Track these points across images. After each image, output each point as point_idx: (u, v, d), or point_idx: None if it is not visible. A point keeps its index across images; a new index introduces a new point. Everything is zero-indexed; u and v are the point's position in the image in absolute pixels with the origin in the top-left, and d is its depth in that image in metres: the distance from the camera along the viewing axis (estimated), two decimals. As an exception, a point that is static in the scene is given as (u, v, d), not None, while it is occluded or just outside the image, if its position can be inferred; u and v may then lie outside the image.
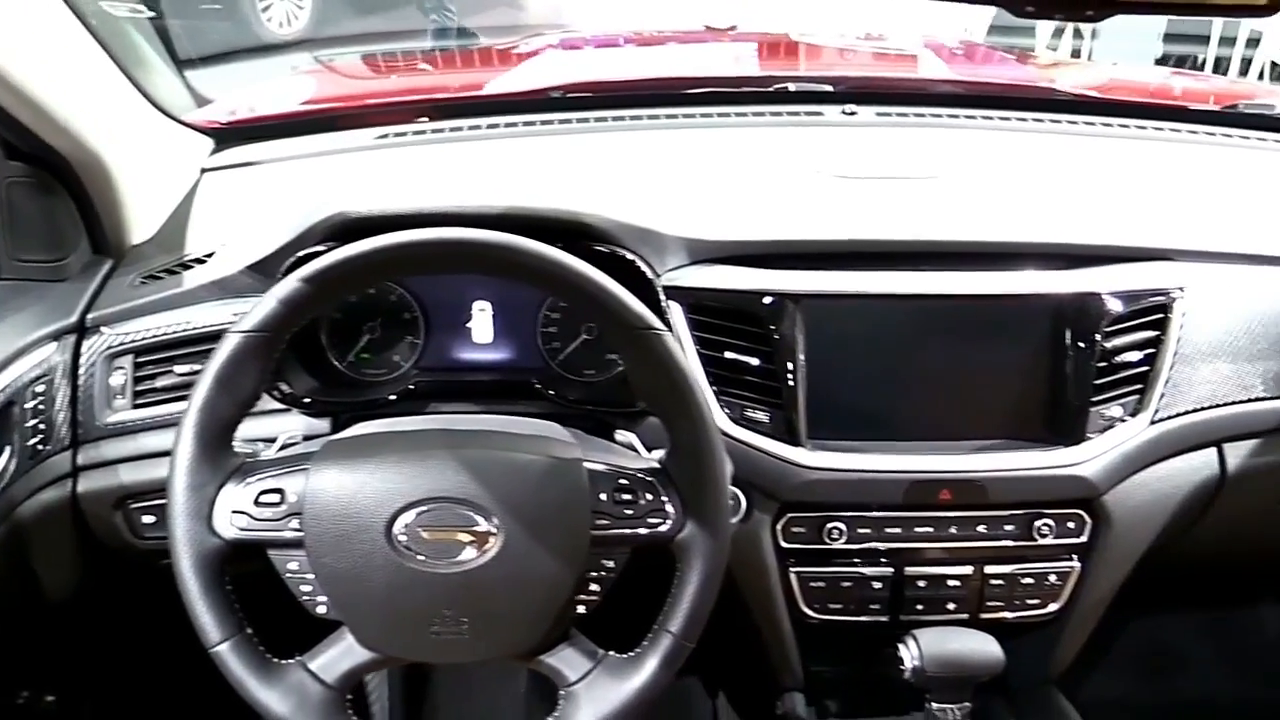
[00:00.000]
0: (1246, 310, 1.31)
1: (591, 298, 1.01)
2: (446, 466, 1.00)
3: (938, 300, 1.25)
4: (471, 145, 1.50)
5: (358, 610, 1.00)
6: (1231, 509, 1.36)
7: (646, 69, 1.96)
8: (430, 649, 1.02)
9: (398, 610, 0.99)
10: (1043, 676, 1.40)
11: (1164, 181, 1.48)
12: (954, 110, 1.57)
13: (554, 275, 1.01)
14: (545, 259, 1.00)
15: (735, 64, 2.00)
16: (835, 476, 1.24)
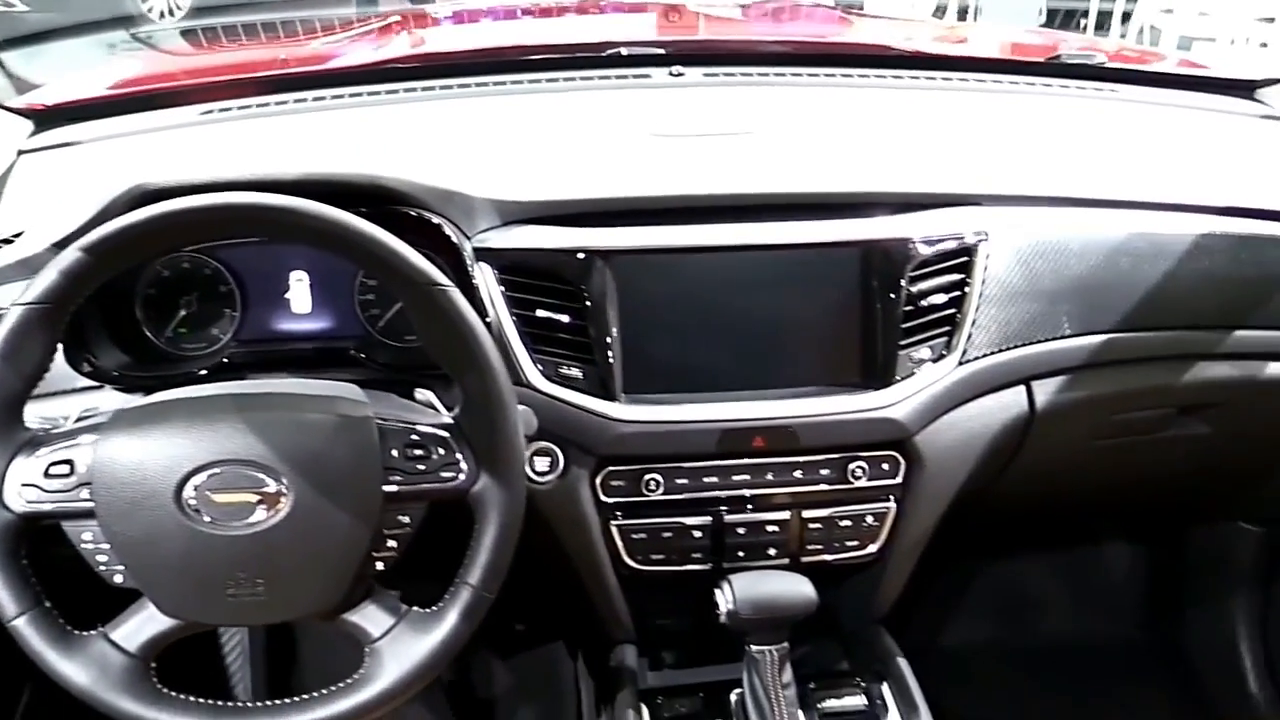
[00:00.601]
0: (1050, 251, 1.34)
1: (374, 255, 1.01)
2: (233, 429, 1.00)
3: (747, 251, 1.27)
4: (295, 119, 1.49)
5: (154, 577, 1.00)
6: (1044, 445, 1.40)
7: (483, 40, 1.97)
8: (229, 612, 1.02)
9: (193, 575, 0.99)
10: (869, 618, 1.43)
11: (972, 132, 1.51)
12: (779, 69, 1.59)
13: (335, 234, 1.01)
14: (325, 219, 1.00)
15: (569, 31, 2.02)
16: (650, 429, 1.26)
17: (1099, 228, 1.36)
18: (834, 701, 1.34)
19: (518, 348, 1.24)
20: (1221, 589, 1.92)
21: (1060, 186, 1.39)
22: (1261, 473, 1.66)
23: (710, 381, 1.29)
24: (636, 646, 1.42)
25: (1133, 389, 1.40)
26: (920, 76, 1.63)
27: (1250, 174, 1.52)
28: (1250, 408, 1.47)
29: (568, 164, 1.34)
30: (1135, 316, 1.36)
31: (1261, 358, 1.42)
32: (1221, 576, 1.92)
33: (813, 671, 1.37)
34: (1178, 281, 1.37)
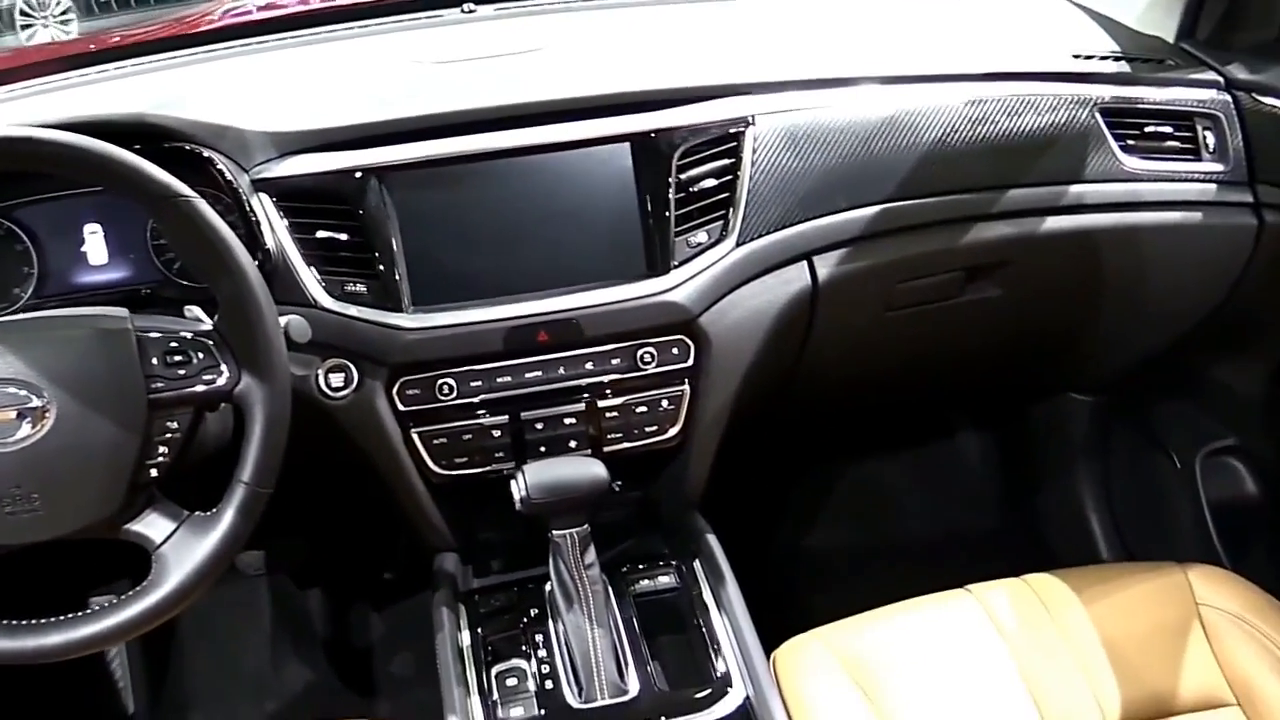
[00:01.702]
0: (817, 131, 1.39)
1: (116, 174, 1.06)
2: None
3: (518, 156, 1.32)
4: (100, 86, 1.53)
5: None
6: (835, 318, 1.45)
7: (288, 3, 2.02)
8: (10, 530, 1.05)
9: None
10: (684, 504, 1.48)
11: (740, 33, 1.58)
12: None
13: (76, 159, 1.05)
14: (61, 142, 1.04)
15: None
16: (437, 334, 1.30)
17: (865, 104, 1.42)
18: (647, 582, 1.39)
19: (301, 269, 1.28)
20: (1064, 462, 1.99)
21: (821, 69, 1.44)
22: (1066, 336, 1.72)
23: (496, 286, 1.33)
24: (459, 555, 1.46)
25: (913, 255, 1.46)
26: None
27: (1009, 41, 1.59)
28: (1034, 264, 1.52)
29: (344, 95, 1.38)
30: (908, 185, 1.42)
31: (1037, 213, 1.48)
32: (1062, 450, 1.99)
33: (630, 558, 1.41)
34: (947, 148, 1.42)
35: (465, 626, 1.34)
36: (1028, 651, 1.34)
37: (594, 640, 1.26)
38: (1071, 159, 1.47)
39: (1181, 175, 1.50)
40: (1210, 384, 1.82)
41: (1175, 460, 1.86)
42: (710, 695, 1.25)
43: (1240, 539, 1.81)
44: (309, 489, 1.74)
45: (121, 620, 1.07)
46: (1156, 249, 1.54)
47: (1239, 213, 1.51)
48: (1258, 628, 1.34)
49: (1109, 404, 1.97)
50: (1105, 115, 1.47)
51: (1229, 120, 1.50)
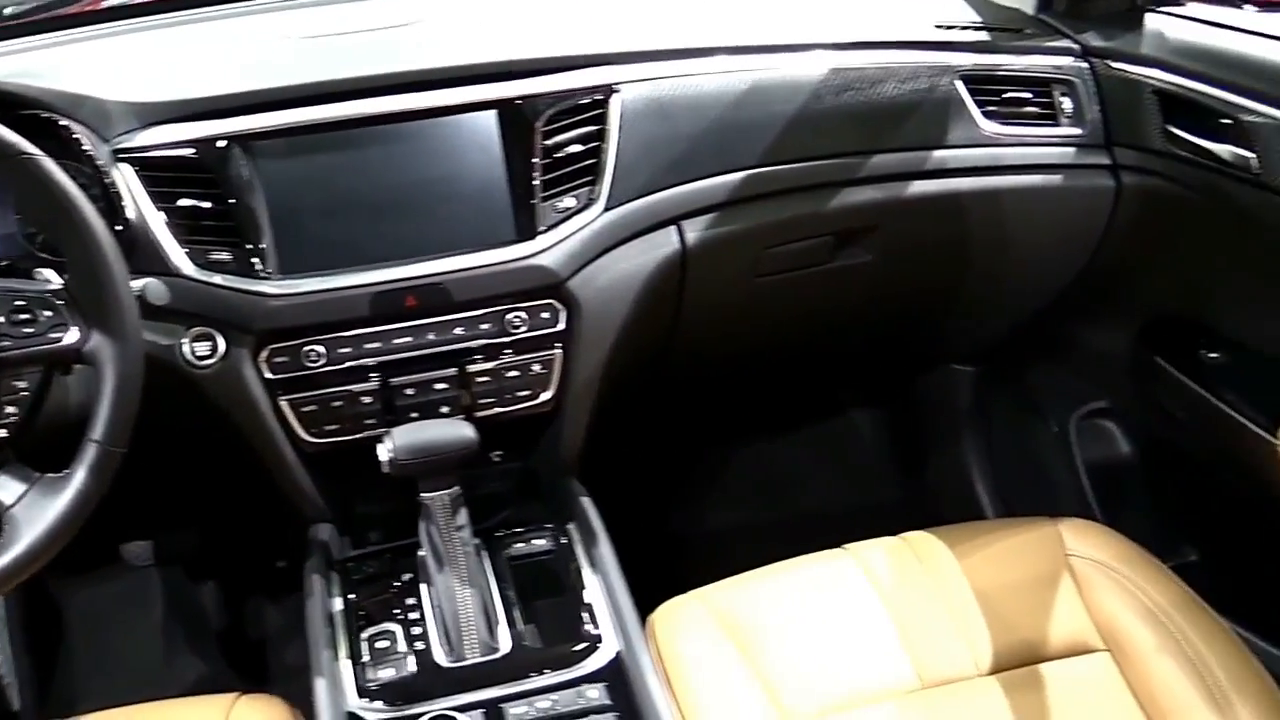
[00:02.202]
0: (686, 98, 1.41)
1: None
2: None
3: (385, 124, 1.33)
4: None
5: None
6: (706, 282, 1.47)
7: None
8: None
9: None
10: (560, 468, 1.49)
11: (608, 7, 1.59)
12: None
13: None
14: None
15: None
16: (303, 300, 1.29)
17: (730, 73, 1.44)
18: (522, 545, 1.39)
19: (164, 238, 1.27)
20: (949, 431, 2.03)
21: (688, 39, 1.47)
22: (940, 301, 1.76)
23: (365, 253, 1.33)
24: (335, 526, 1.45)
25: (780, 220, 1.48)
26: None
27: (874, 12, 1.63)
28: (902, 228, 1.56)
29: (209, 67, 1.38)
30: (775, 151, 1.44)
31: (903, 178, 1.51)
32: (947, 420, 2.03)
33: (508, 525, 1.42)
34: (813, 115, 1.45)
35: (337, 593, 1.34)
36: (903, 606, 1.37)
37: (464, 601, 1.26)
38: (934, 125, 1.50)
39: (1041, 140, 1.54)
40: (1082, 348, 1.87)
41: (1051, 424, 1.92)
42: (582, 651, 1.26)
43: (1113, 495, 1.86)
44: (196, 477, 1.73)
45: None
46: (1019, 211, 1.58)
47: (1097, 175, 1.56)
48: (1125, 575, 1.38)
49: (990, 373, 2.02)
50: (966, 82, 1.51)
51: (1085, 86, 1.55)
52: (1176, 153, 1.47)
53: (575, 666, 1.24)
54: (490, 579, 1.34)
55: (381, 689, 1.23)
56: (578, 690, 1.22)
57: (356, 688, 1.23)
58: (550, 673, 1.24)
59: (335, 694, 1.22)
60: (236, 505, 1.86)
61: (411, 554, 1.35)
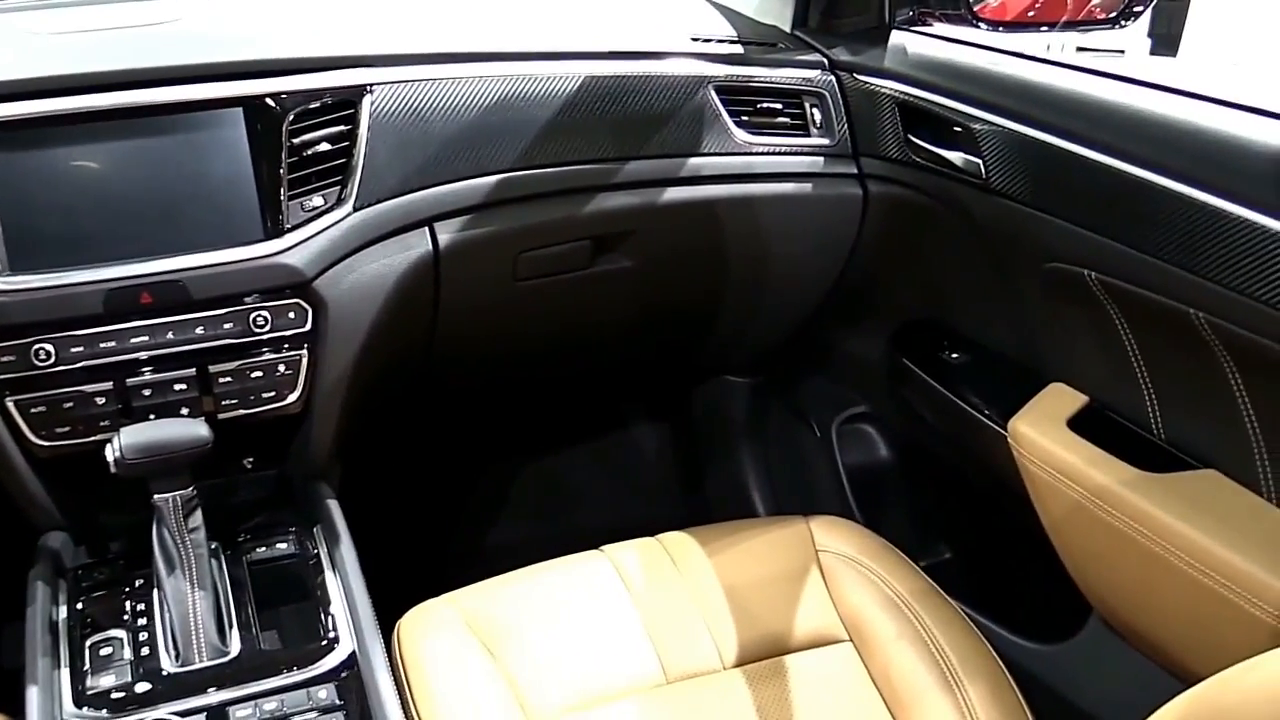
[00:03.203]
0: (440, 102, 1.42)
1: None
2: None
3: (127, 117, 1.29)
4: None
5: None
6: (462, 286, 1.47)
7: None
8: None
9: None
10: (309, 472, 1.47)
11: (354, 11, 1.61)
12: None
13: None
14: None
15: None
16: (29, 296, 1.24)
17: (485, 78, 1.45)
18: (264, 549, 1.36)
19: None
20: (726, 441, 2.08)
21: (442, 44, 1.47)
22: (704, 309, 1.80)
23: (104, 251, 1.28)
24: (70, 535, 1.40)
25: (536, 223, 1.49)
26: None
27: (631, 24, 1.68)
28: (659, 234, 1.59)
29: None
30: (529, 155, 1.46)
31: (658, 184, 1.54)
32: (724, 430, 2.08)
33: (251, 527, 1.39)
34: (567, 122, 1.47)
35: (63, 601, 1.29)
36: (653, 604, 1.39)
37: (194, 603, 1.23)
38: (689, 133, 1.54)
39: (792, 149, 1.59)
40: (841, 355, 1.94)
41: (815, 430, 1.98)
42: (316, 653, 1.23)
43: (872, 497, 1.93)
44: None
45: None
46: (774, 219, 1.63)
47: (846, 183, 1.63)
48: (870, 568, 1.43)
49: (763, 384, 2.07)
50: (720, 93, 1.55)
51: (833, 98, 1.61)
52: (916, 160, 1.55)
53: (308, 668, 1.22)
54: (226, 582, 1.30)
55: (99, 696, 1.18)
56: (308, 691, 1.19)
57: (73, 695, 1.18)
58: (281, 675, 1.21)
59: (48, 702, 1.16)
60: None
61: (147, 562, 1.31)
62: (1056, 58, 1.44)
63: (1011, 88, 1.41)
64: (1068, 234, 1.32)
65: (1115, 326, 1.34)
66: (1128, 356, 1.35)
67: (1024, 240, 1.42)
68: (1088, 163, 1.27)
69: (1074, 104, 1.32)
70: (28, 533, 1.41)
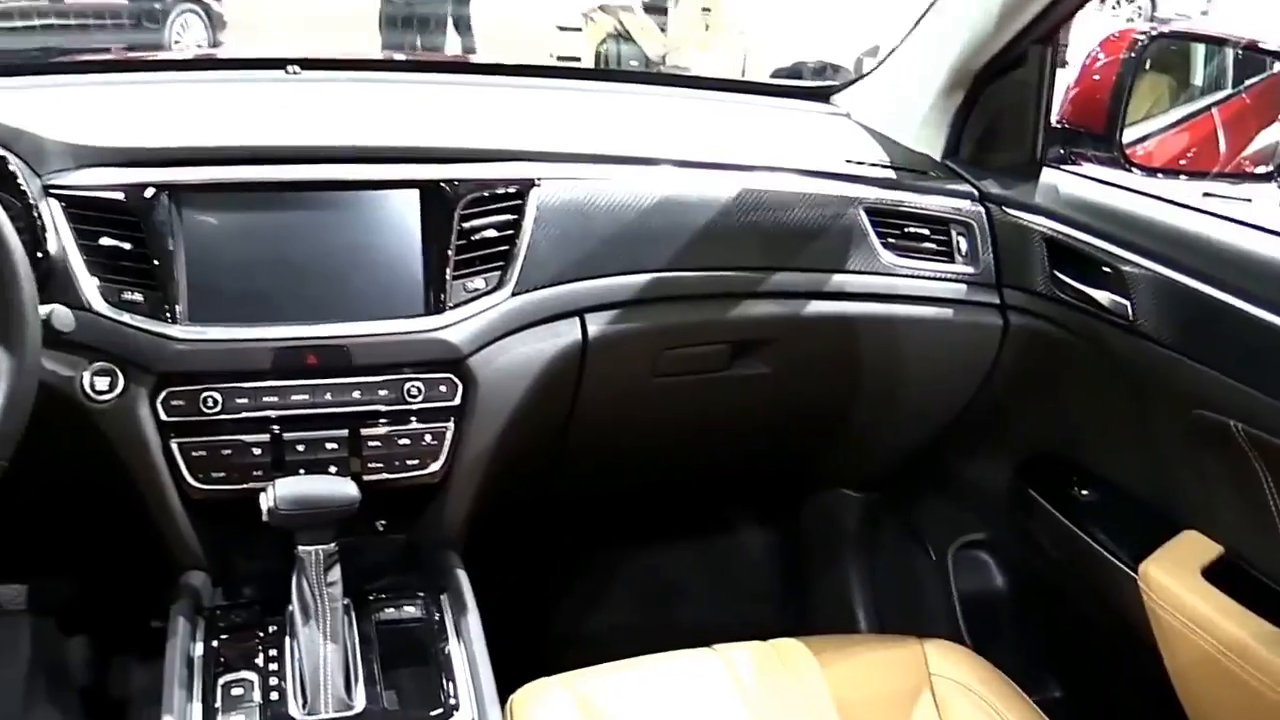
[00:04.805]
0: (602, 200, 1.49)
1: None
2: None
3: (313, 189, 1.39)
4: None
5: None
6: (604, 376, 1.52)
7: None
8: None
9: None
10: (442, 541, 1.51)
11: (531, 110, 1.71)
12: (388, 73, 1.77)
13: None
14: None
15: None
16: (206, 348, 1.33)
17: (645, 181, 1.52)
18: (393, 610, 1.40)
19: (80, 274, 1.30)
20: (834, 555, 2.07)
21: (607, 146, 1.55)
22: (832, 423, 1.82)
23: (273, 310, 1.37)
24: (210, 576, 1.46)
25: (680, 323, 1.54)
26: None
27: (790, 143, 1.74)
28: (798, 344, 1.62)
29: (147, 121, 1.44)
30: (680, 258, 1.51)
31: (801, 296, 1.59)
32: (833, 544, 2.08)
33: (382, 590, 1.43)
34: (719, 229, 1.53)
35: (200, 638, 1.34)
36: (763, 709, 1.39)
37: (325, 656, 1.27)
38: (836, 250, 1.59)
39: (936, 274, 1.63)
40: (963, 480, 1.93)
41: (931, 553, 1.97)
42: (435, 717, 1.27)
43: (985, 625, 1.90)
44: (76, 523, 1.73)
45: None
46: (911, 341, 1.66)
47: (986, 312, 1.65)
48: (983, 696, 1.41)
49: (877, 500, 2.07)
50: (870, 214, 1.60)
51: (981, 228, 1.64)
52: (1061, 296, 1.57)
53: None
54: (355, 639, 1.35)
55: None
56: None
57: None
58: None
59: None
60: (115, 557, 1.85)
61: (282, 609, 1.36)
62: (1196, 204, 1.46)
63: (1164, 233, 1.42)
64: (1216, 383, 1.32)
65: (1259, 479, 1.33)
66: (1269, 510, 1.33)
67: (1169, 385, 1.43)
68: (1240, 314, 1.28)
69: (1228, 254, 1.33)
70: (162, 571, 1.48)
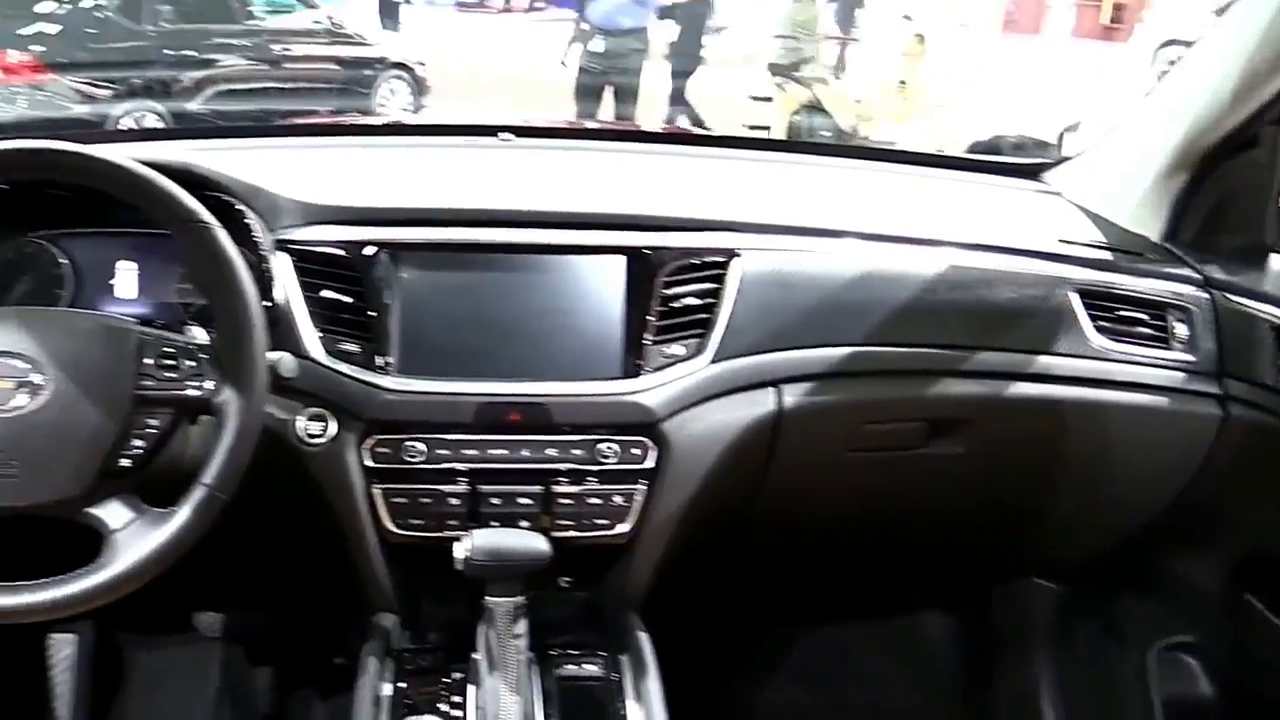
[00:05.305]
0: (805, 272, 1.49)
1: (151, 195, 1.19)
2: (6, 328, 1.16)
3: (520, 252, 1.44)
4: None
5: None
6: (797, 448, 1.50)
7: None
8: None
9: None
10: (624, 603, 1.51)
11: (730, 179, 1.73)
12: (593, 141, 1.83)
13: (115, 176, 1.18)
14: (109, 163, 1.18)
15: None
16: (414, 399, 1.38)
17: (849, 255, 1.52)
18: (574, 668, 1.40)
19: (302, 323, 1.38)
20: (1024, 647, 1.98)
21: (812, 219, 1.56)
22: (1030, 509, 1.74)
23: (479, 366, 1.41)
24: (399, 615, 1.49)
25: (880, 399, 1.52)
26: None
27: (1000, 220, 1.70)
28: (999, 426, 1.57)
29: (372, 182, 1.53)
30: (880, 333, 1.49)
31: (1005, 377, 1.54)
32: (1023, 634, 1.98)
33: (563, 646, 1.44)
34: (923, 306, 1.51)
35: (389, 679, 1.37)
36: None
37: (508, 707, 1.27)
38: (1043, 331, 1.54)
39: (1151, 361, 1.56)
40: (1169, 578, 1.82)
41: (1131, 652, 1.86)
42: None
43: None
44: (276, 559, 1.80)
45: (65, 594, 1.12)
46: (1119, 429, 1.59)
47: (1204, 403, 1.57)
48: None
49: (1071, 592, 1.97)
50: (1082, 296, 1.55)
51: (1202, 315, 1.57)
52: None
53: None
54: (536, 693, 1.35)
55: None
56: None
57: None
58: None
59: None
60: (307, 594, 1.92)
61: (466, 656, 1.38)
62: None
63: None
64: None
65: None
66: None
67: None
68: None
69: None
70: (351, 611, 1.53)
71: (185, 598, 1.98)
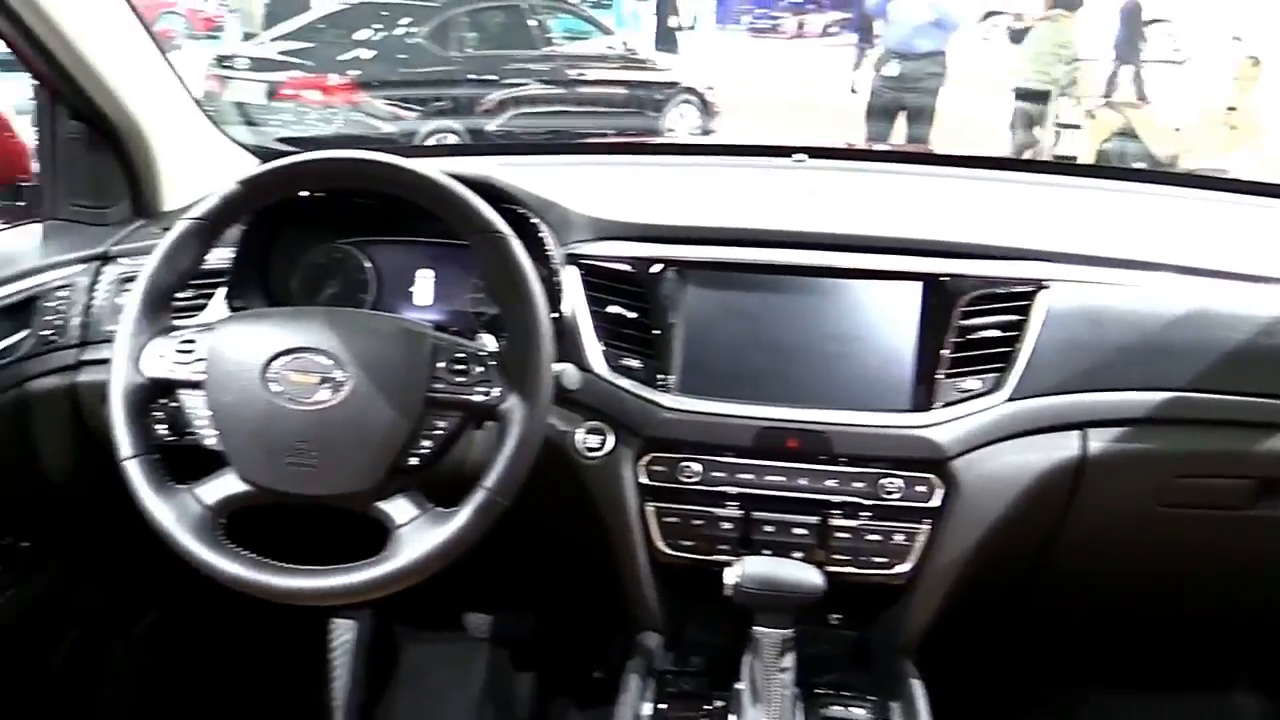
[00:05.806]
0: (1119, 308, 1.38)
1: (453, 205, 1.22)
2: (315, 326, 1.21)
3: (809, 275, 1.40)
4: None
5: (235, 442, 1.19)
6: (1102, 499, 1.38)
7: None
8: (285, 478, 1.18)
9: (264, 440, 1.17)
10: (896, 646, 1.43)
11: (1038, 208, 1.63)
12: (890, 164, 1.77)
13: (422, 187, 1.23)
14: (416, 173, 1.22)
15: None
16: (692, 418, 1.36)
17: (1173, 292, 1.39)
18: (839, 709, 1.34)
19: (587, 336, 1.39)
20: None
21: (1116, 249, 1.44)
22: None
23: (759, 390, 1.38)
24: (662, 636, 1.47)
25: (1200, 450, 1.38)
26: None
27: None
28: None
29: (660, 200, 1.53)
30: (1205, 378, 1.36)
31: None
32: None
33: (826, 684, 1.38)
34: (1255, 350, 1.36)
35: (650, 699, 1.35)
36: None
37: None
38: None
39: None
40: None
41: None
42: None
43: None
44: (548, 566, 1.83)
45: (354, 581, 1.16)
46: None
47: None
48: None
49: None
50: None
51: None
52: None
53: None
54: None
55: None
56: None
57: None
58: None
59: None
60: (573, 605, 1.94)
61: (728, 684, 1.34)
62: None
63: None
64: None
65: None
66: None
67: None
68: None
69: None
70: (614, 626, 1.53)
71: (458, 597, 2.05)
